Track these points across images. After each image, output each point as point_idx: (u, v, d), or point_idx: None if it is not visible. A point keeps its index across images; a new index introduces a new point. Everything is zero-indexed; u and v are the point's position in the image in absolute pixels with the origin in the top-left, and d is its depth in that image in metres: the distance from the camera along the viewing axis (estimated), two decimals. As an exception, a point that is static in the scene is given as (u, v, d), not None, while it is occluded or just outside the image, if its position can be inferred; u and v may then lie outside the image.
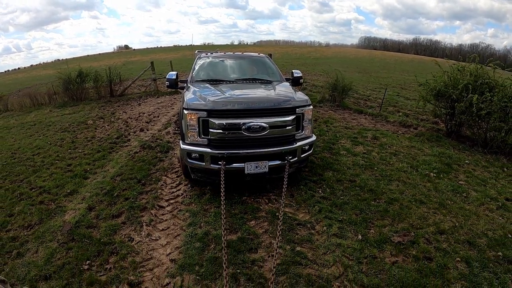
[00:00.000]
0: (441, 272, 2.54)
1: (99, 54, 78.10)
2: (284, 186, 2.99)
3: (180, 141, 3.49)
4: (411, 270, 2.53)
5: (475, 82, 5.71)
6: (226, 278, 2.04)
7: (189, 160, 3.38)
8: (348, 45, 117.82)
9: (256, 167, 3.30)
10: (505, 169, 4.86)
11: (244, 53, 5.62)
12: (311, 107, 3.65)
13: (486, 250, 2.86)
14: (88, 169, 4.58)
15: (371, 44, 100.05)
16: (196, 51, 6.87)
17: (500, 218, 3.43)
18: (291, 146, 3.43)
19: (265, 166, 3.32)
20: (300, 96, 3.77)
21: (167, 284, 2.39)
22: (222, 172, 3.07)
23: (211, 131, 3.25)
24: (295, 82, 4.87)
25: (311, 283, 2.36)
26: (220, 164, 3.19)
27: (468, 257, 2.73)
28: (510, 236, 3.08)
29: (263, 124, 3.24)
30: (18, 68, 63.79)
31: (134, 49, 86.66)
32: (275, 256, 2.22)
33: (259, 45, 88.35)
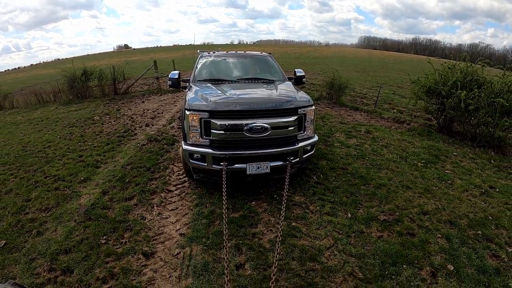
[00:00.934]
0: (423, 246, 2.84)
1: (99, 53, 78.35)
2: (285, 187, 2.99)
3: (182, 142, 3.49)
4: (395, 243, 2.84)
5: (464, 79, 6.03)
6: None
7: (191, 160, 3.38)
8: (348, 45, 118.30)
9: (258, 168, 3.30)
10: (492, 161, 5.14)
11: (247, 52, 5.55)
12: (313, 107, 3.63)
13: (466, 229, 3.15)
14: (99, 159, 4.89)
15: (370, 43, 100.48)
16: (198, 50, 7.03)
17: (482, 203, 3.72)
18: (293, 147, 3.41)
19: (266, 167, 3.31)
20: (302, 96, 3.75)
21: (178, 253, 2.71)
22: (224, 173, 3.10)
23: (213, 132, 3.24)
24: (298, 81, 4.87)
25: (305, 252, 2.68)
26: (222, 165, 3.20)
27: (448, 234, 3.03)
28: (491, 218, 3.36)
29: (265, 125, 3.22)
30: (18, 68, 63.94)
31: (134, 49, 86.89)
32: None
33: (258, 45, 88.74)
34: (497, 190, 4.06)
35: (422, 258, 2.69)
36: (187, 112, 3.31)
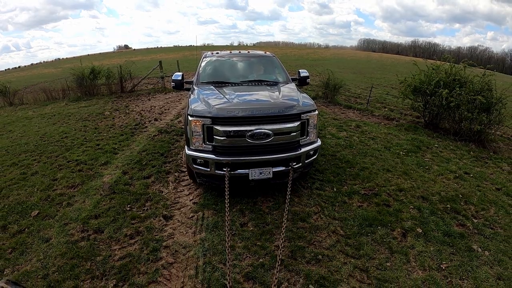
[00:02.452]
0: (396, 214, 3.38)
1: (100, 53, 78.86)
2: (288, 191, 3.08)
3: (185, 147, 3.53)
4: (372, 211, 3.40)
5: (447, 79, 6.61)
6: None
7: (194, 165, 3.41)
8: (347, 47, 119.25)
9: (260, 173, 3.32)
10: (471, 152, 5.62)
11: (250, 52, 5.43)
12: (316, 112, 3.60)
13: (437, 203, 3.65)
14: (116, 147, 5.44)
15: (370, 46, 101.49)
16: (202, 51, 7.33)
17: (455, 184, 4.21)
18: (295, 153, 3.40)
19: (269, 172, 3.33)
20: (306, 100, 3.68)
21: (192, 216, 3.29)
22: (226, 178, 3.15)
23: (215, 138, 3.25)
24: (302, 82, 4.84)
25: (297, 215, 3.28)
26: (224, 170, 3.24)
27: (420, 206, 3.54)
28: (461, 196, 3.83)
29: (267, 131, 3.22)
30: (19, 67, 64.43)
31: (134, 49, 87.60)
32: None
33: (258, 46, 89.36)
34: (471, 175, 4.53)
35: (394, 222, 3.23)
36: (190, 118, 3.32)
